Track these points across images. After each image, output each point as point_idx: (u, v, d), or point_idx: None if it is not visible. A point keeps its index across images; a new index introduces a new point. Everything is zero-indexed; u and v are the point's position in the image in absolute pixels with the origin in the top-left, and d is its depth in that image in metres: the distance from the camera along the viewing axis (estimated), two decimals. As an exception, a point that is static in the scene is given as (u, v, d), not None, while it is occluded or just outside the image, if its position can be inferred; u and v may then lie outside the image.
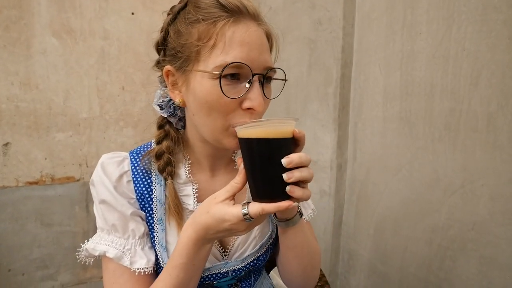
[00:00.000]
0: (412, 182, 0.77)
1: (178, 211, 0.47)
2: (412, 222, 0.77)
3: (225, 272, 0.50)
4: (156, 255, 0.47)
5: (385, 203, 0.86)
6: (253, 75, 0.40)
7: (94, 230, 0.47)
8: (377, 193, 0.89)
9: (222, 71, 0.39)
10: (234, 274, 0.51)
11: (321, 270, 0.72)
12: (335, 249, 1.06)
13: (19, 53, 1.29)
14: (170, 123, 0.51)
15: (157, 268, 0.47)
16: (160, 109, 0.50)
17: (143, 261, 0.44)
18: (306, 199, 0.38)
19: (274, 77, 0.46)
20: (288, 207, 0.36)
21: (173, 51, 0.44)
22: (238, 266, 0.50)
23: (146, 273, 0.44)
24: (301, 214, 0.49)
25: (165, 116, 0.50)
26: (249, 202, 0.38)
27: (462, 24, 0.64)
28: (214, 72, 0.39)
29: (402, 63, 0.79)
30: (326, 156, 1.05)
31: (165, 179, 0.48)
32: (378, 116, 0.87)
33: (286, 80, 0.47)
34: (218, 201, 0.39)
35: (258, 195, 0.38)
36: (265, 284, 0.61)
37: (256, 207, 0.36)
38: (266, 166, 0.37)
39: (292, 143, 0.39)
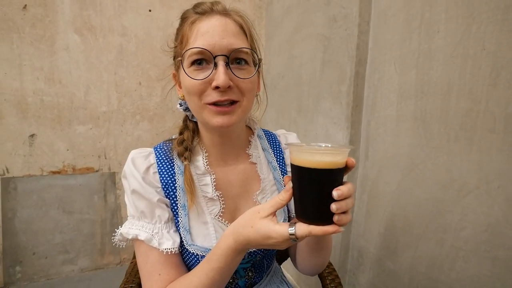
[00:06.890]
0: (425, 182, 0.77)
1: (191, 187, 0.52)
2: (423, 221, 0.77)
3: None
4: (181, 237, 0.51)
5: (396, 202, 0.86)
6: (214, 57, 0.46)
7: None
8: (388, 192, 0.89)
9: (181, 56, 0.47)
10: (250, 257, 0.55)
11: (334, 270, 0.74)
12: (345, 246, 1.07)
13: (44, 49, 1.36)
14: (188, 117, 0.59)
15: (182, 250, 0.52)
16: (179, 106, 0.58)
17: (169, 242, 0.49)
18: (348, 223, 0.40)
19: (243, 57, 0.49)
20: (334, 232, 0.37)
21: (172, 58, 0.54)
22: (254, 248, 0.53)
23: (173, 252, 0.50)
24: None
25: (182, 110, 0.58)
26: (295, 222, 0.39)
27: (482, 23, 0.62)
28: (182, 61, 0.47)
29: (419, 61, 0.78)
30: (337, 154, 1.05)
31: (183, 162, 0.54)
32: (392, 115, 0.87)
33: (260, 59, 0.52)
34: (262, 216, 0.40)
35: (304, 216, 0.39)
36: (276, 272, 0.67)
37: (303, 229, 0.37)
38: (316, 193, 0.38)
39: (344, 171, 0.40)
